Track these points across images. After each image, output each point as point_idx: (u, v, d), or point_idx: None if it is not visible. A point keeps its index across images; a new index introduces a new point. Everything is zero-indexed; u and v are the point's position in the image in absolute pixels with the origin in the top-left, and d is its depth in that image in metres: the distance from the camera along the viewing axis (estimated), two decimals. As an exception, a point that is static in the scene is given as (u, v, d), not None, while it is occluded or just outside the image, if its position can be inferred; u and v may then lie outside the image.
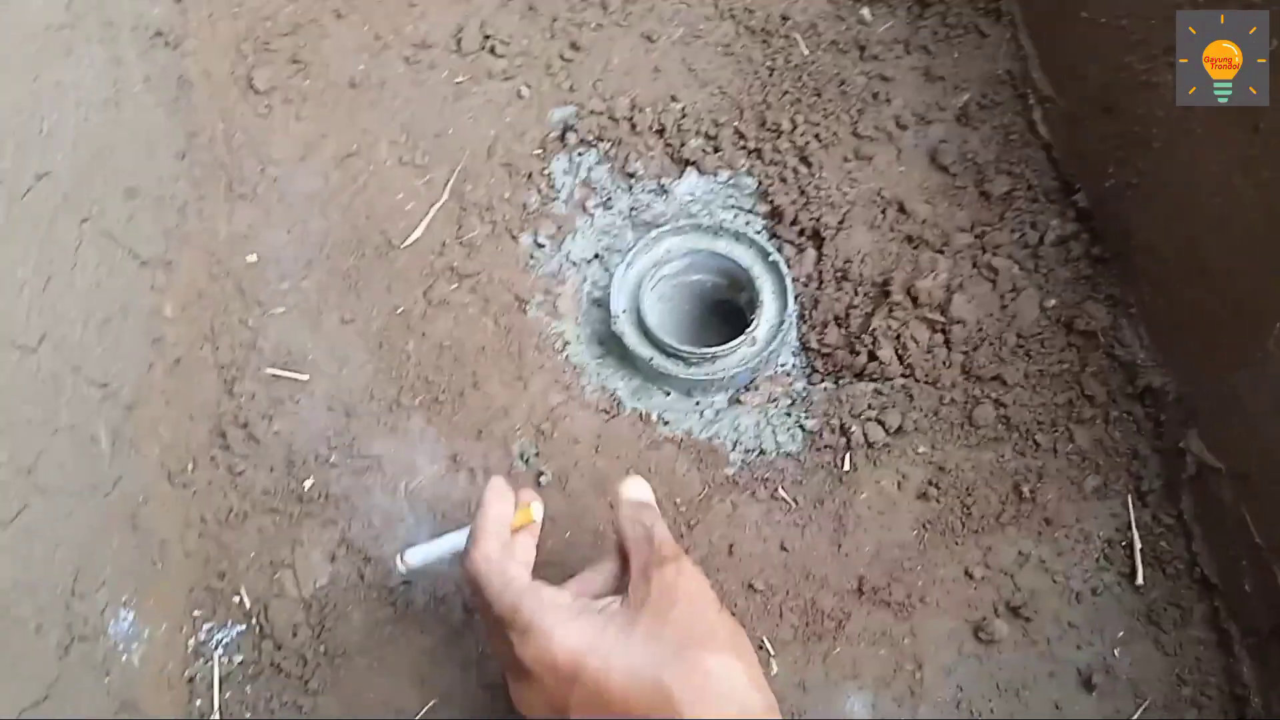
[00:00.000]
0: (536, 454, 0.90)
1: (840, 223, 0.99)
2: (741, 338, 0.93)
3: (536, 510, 0.73)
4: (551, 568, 0.72)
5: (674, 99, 1.07)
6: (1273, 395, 0.76)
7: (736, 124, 1.05)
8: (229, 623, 0.81)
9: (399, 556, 0.75)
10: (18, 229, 0.69)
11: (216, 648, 0.80)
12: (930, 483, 0.88)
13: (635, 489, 0.71)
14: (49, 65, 0.77)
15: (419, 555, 0.75)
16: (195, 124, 0.98)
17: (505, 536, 0.69)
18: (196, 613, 0.81)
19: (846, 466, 0.89)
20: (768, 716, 0.60)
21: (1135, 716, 0.79)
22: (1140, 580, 0.83)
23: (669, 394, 0.96)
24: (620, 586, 0.67)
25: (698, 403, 0.95)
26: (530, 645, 0.61)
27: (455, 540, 0.74)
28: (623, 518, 0.69)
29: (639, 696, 0.58)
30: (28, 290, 0.69)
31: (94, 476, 0.73)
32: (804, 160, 1.02)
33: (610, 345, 0.98)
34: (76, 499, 0.70)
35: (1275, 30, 0.73)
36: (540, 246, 1.01)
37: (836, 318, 0.96)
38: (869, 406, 0.91)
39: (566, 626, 0.61)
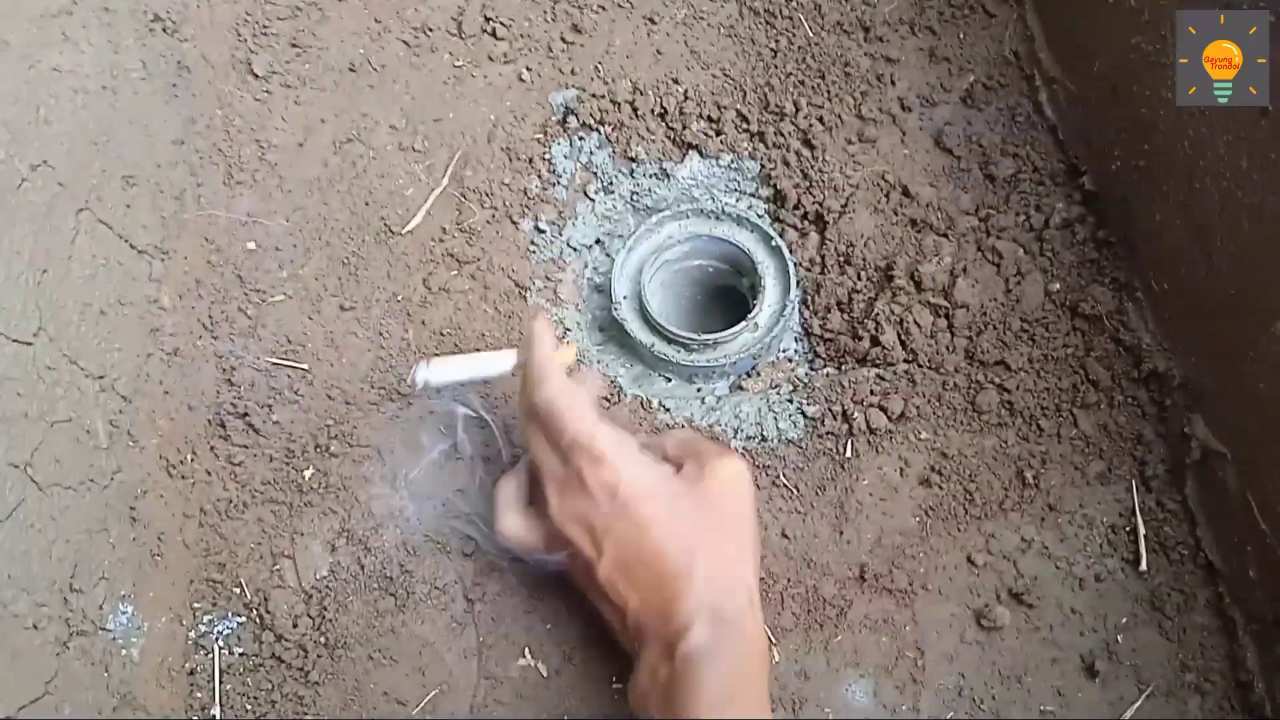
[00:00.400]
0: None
1: (844, 206, 0.98)
2: (743, 323, 0.93)
3: (575, 350, 0.82)
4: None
5: (676, 81, 1.06)
6: (1277, 380, 0.75)
7: (739, 107, 1.03)
8: (229, 614, 0.81)
9: (422, 363, 0.76)
10: (14, 220, 0.69)
11: (217, 640, 0.80)
12: (933, 469, 0.87)
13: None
14: (46, 52, 0.77)
15: (443, 370, 0.77)
16: (193, 110, 0.97)
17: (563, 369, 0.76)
18: (196, 605, 0.81)
19: (848, 453, 0.88)
20: (751, 608, 0.69)
21: (1138, 703, 0.79)
22: (1144, 566, 0.83)
23: (670, 380, 0.96)
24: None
25: (699, 389, 0.95)
26: (603, 473, 0.70)
27: (484, 363, 0.79)
28: (667, 438, 0.80)
29: (667, 551, 0.68)
30: (23, 282, 0.69)
31: (91, 469, 0.73)
32: (807, 143, 1.01)
33: (611, 331, 0.97)
34: (74, 493, 0.70)
35: (1275, 30, 0.72)
36: (541, 232, 1.00)
37: (839, 302, 0.95)
38: (871, 392, 0.90)
39: (634, 469, 0.71)
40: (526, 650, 0.81)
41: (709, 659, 0.65)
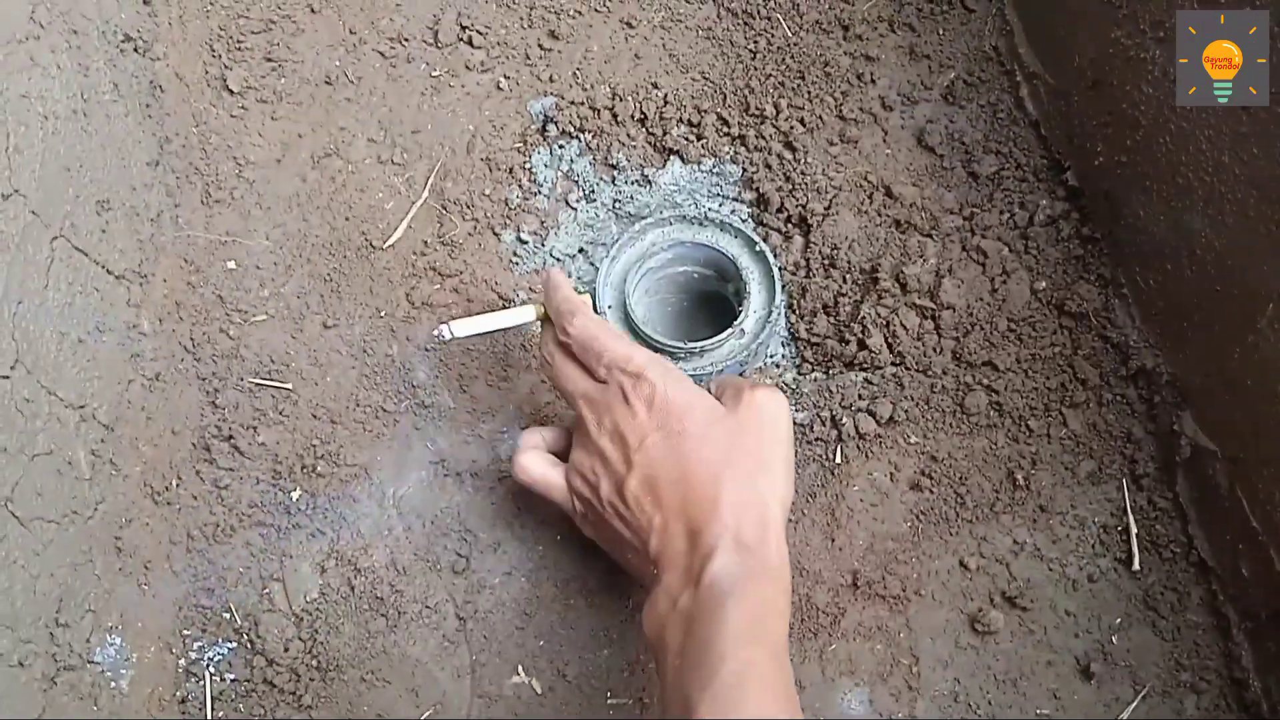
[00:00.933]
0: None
1: (827, 209, 0.97)
2: (730, 330, 0.92)
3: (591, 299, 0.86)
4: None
5: (655, 86, 1.05)
6: (1266, 377, 0.75)
7: (719, 110, 1.03)
8: (219, 640, 0.81)
9: (443, 325, 0.79)
10: (-14, 252, 0.68)
11: (208, 666, 0.80)
12: (923, 473, 0.87)
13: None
14: (13, 79, 0.75)
15: (467, 326, 0.79)
16: (168, 129, 0.96)
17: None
18: (185, 632, 0.80)
19: (838, 459, 0.88)
20: (777, 543, 0.68)
21: (1134, 704, 0.79)
22: (1137, 565, 0.83)
23: (658, 389, 0.95)
24: None
25: (687, 397, 0.94)
26: (641, 387, 0.72)
27: (505, 318, 0.81)
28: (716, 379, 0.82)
29: (695, 470, 0.69)
30: (-2, 315, 0.68)
31: (74, 501, 0.72)
32: (789, 145, 1.01)
33: (597, 341, 0.97)
34: (57, 526, 0.70)
35: (1276, 30, 0.72)
36: (523, 243, 0.99)
37: (825, 306, 0.95)
38: (859, 397, 0.90)
39: (673, 386, 0.72)
40: (520, 667, 0.81)
41: (734, 589, 0.63)
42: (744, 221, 1.00)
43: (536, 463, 0.79)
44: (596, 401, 0.74)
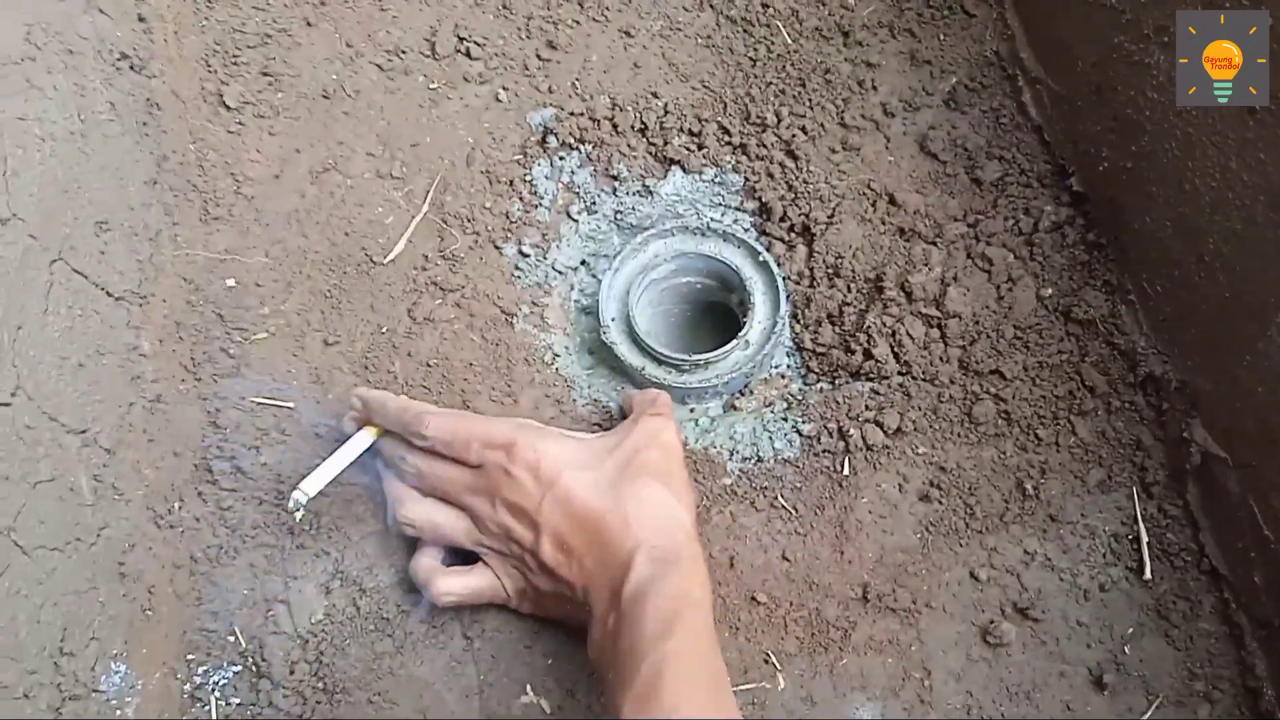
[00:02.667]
0: (530, 472, 0.88)
1: (830, 217, 0.97)
2: (734, 341, 0.92)
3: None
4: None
5: (655, 95, 1.04)
6: (1277, 383, 0.75)
7: (720, 119, 1.02)
8: (224, 664, 0.80)
9: (294, 494, 0.76)
10: (-16, 278, 0.67)
11: (213, 691, 0.79)
12: (931, 484, 0.86)
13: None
14: (9, 101, 0.75)
15: (317, 480, 0.77)
16: (166, 147, 0.95)
17: None
18: (190, 656, 0.80)
19: (846, 470, 0.87)
20: (688, 541, 0.72)
21: (1148, 713, 0.79)
22: (1148, 574, 0.82)
23: (663, 402, 0.94)
24: None
25: (692, 410, 0.94)
26: (517, 456, 0.74)
27: (346, 454, 0.79)
28: (637, 394, 0.87)
29: (597, 504, 0.72)
30: (-2, 341, 0.67)
31: (77, 528, 0.71)
32: (790, 154, 1.00)
33: (601, 355, 0.96)
34: (60, 553, 0.69)
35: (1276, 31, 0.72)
36: (525, 256, 0.99)
37: (830, 316, 0.94)
38: (866, 407, 0.89)
39: (548, 443, 0.75)
40: (528, 687, 0.80)
41: (648, 591, 0.67)
42: (747, 231, 0.99)
43: (453, 581, 0.78)
44: (481, 488, 0.75)
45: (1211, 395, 0.82)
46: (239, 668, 0.80)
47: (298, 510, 0.76)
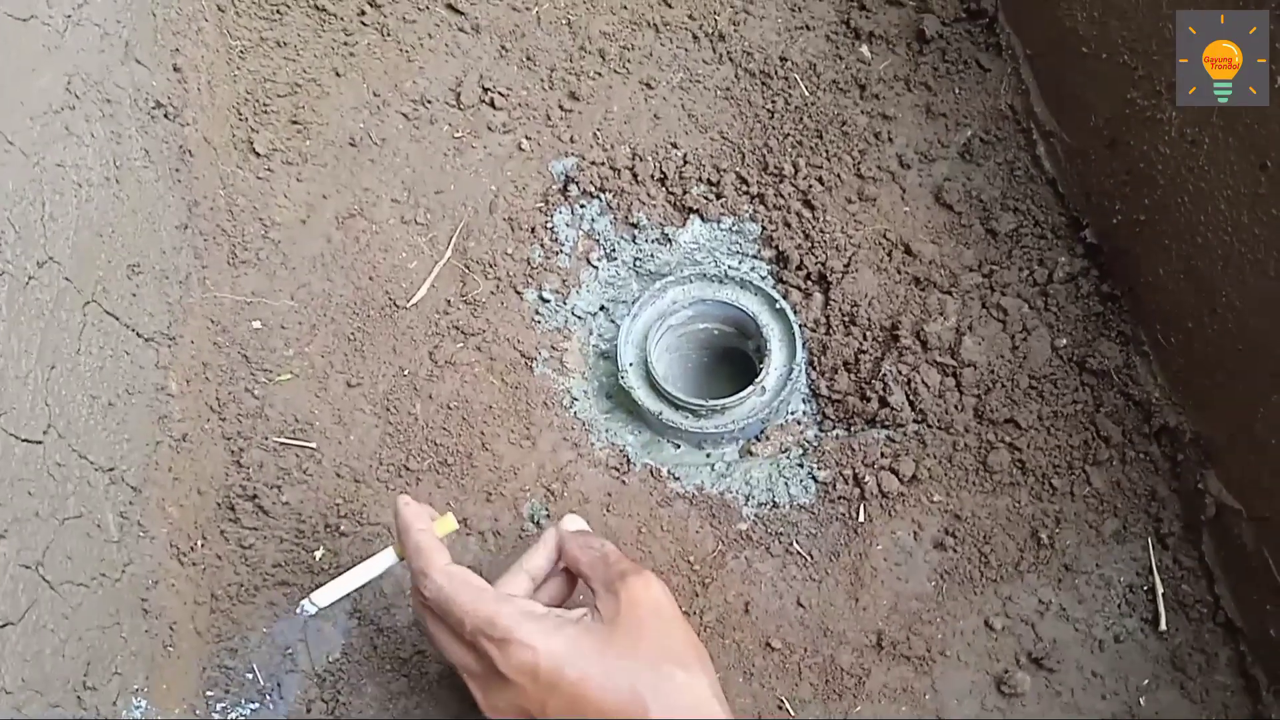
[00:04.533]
0: (547, 515, 0.89)
1: (846, 266, 0.98)
2: (751, 387, 0.93)
3: (451, 518, 0.75)
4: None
5: (675, 146, 1.06)
6: (1291, 437, 0.75)
7: (738, 169, 1.04)
8: (242, 701, 0.81)
9: (304, 602, 0.73)
10: (20, 318, 0.69)
11: (231, 728, 0.80)
12: (946, 531, 0.87)
13: (575, 522, 0.77)
14: (50, 148, 0.77)
15: (330, 593, 0.73)
16: (196, 193, 0.98)
17: (445, 549, 0.71)
18: (209, 693, 0.81)
19: (861, 517, 0.88)
20: (707, 702, 0.65)
21: (1164, 767, 0.78)
22: (1164, 625, 0.82)
23: (679, 447, 0.95)
24: (570, 603, 0.74)
25: (708, 455, 0.95)
26: (512, 655, 0.64)
27: (369, 569, 0.74)
28: (573, 546, 0.73)
29: (615, 704, 0.63)
30: (32, 380, 0.69)
31: (102, 564, 0.73)
32: (807, 204, 1.02)
33: (618, 399, 0.97)
34: (85, 589, 0.70)
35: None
36: (545, 301, 1.00)
37: (846, 363, 0.95)
38: (882, 455, 0.90)
39: (546, 636, 0.65)
40: (543, 730, 0.80)
41: None
42: (764, 279, 1.01)
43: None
44: (475, 674, 0.68)
45: (1226, 447, 0.83)
46: (256, 705, 0.81)
47: (304, 614, 0.73)
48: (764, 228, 1.02)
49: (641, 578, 0.68)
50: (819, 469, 0.91)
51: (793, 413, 0.96)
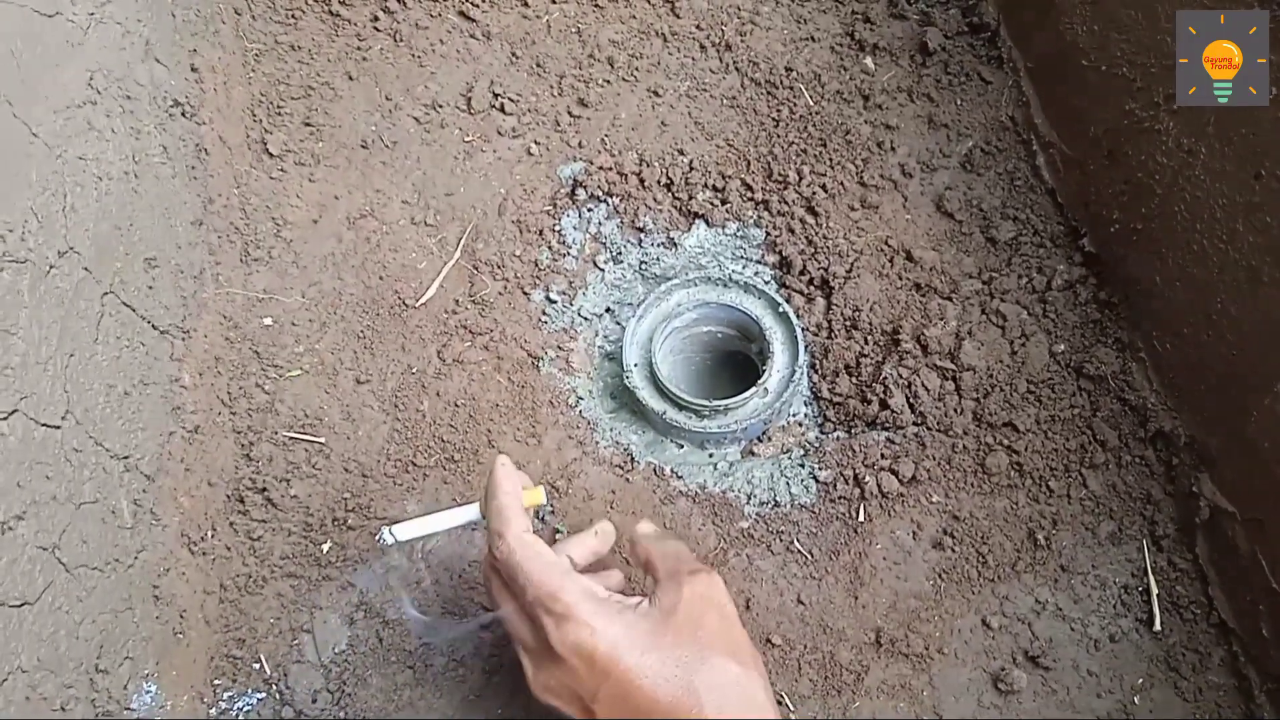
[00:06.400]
0: (551, 511, 0.90)
1: (848, 272, 1.00)
2: (753, 389, 0.94)
3: (543, 492, 0.75)
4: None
5: (681, 152, 1.08)
6: (1284, 440, 0.77)
7: (744, 176, 1.06)
8: (249, 690, 0.82)
9: (386, 529, 0.72)
10: (42, 306, 0.70)
11: (238, 716, 0.81)
12: (945, 532, 0.88)
13: (650, 526, 0.77)
14: (72, 142, 0.79)
15: (409, 529, 0.73)
16: (212, 190, 0.99)
17: (527, 516, 0.70)
18: (217, 681, 0.82)
19: (861, 517, 0.89)
20: (759, 695, 0.64)
21: (1158, 765, 0.79)
22: (1158, 626, 0.84)
23: (682, 447, 0.97)
24: (624, 584, 0.75)
25: (711, 455, 0.96)
26: (569, 633, 0.63)
27: (450, 518, 0.74)
28: (647, 542, 0.73)
29: (667, 695, 0.62)
30: (52, 366, 0.70)
31: (116, 549, 0.74)
32: (811, 210, 1.03)
33: (623, 399, 0.99)
34: (100, 573, 0.71)
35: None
36: (552, 302, 1.02)
37: (847, 366, 0.96)
38: (882, 456, 0.91)
39: (607, 620, 0.64)
40: (546, 721, 0.82)
41: None
42: (767, 283, 1.02)
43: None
44: (532, 651, 0.67)
45: (1220, 451, 0.84)
46: (263, 695, 0.82)
47: (382, 543, 0.73)
48: (768, 233, 1.04)
49: (710, 575, 0.68)
50: (820, 469, 0.92)
51: (794, 414, 0.98)
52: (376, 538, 0.74)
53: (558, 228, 1.05)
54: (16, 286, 0.67)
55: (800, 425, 0.97)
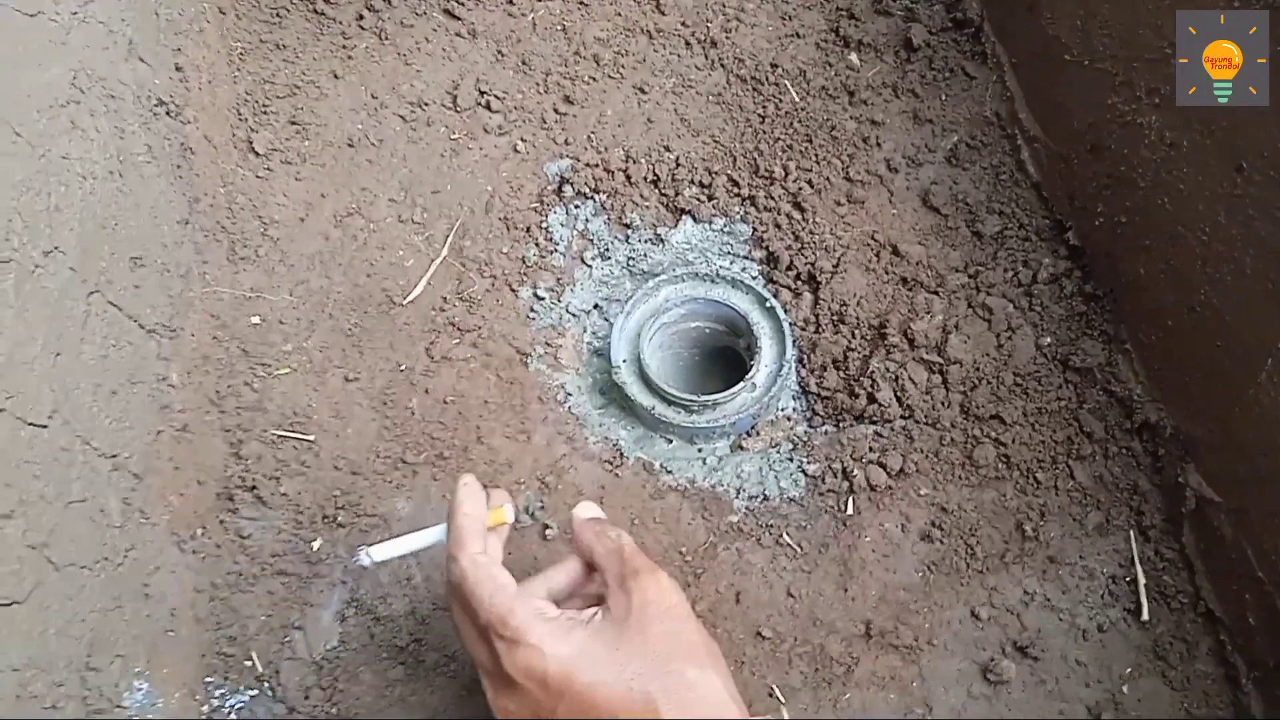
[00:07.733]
0: (541, 507, 0.91)
1: (835, 266, 1.00)
2: (741, 384, 0.95)
3: (509, 511, 0.74)
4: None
5: (667, 149, 1.08)
6: (1267, 430, 0.77)
7: (730, 172, 1.06)
8: (241, 688, 0.82)
9: (364, 550, 0.72)
10: (28, 306, 0.70)
11: (229, 713, 0.81)
12: (933, 524, 0.89)
13: (589, 509, 0.74)
14: (55, 141, 0.78)
15: (385, 550, 0.73)
16: (197, 190, 0.99)
17: (485, 537, 0.70)
18: (209, 679, 0.82)
19: (850, 510, 0.90)
20: (721, 697, 0.62)
21: (1146, 753, 0.80)
22: (1145, 616, 0.84)
23: (671, 442, 0.97)
24: (585, 591, 0.71)
25: (700, 450, 0.96)
26: (520, 657, 0.63)
27: (423, 537, 0.74)
28: (588, 534, 0.71)
29: (626, 707, 0.61)
30: (38, 366, 0.70)
31: (105, 548, 0.74)
32: (797, 206, 1.04)
33: (612, 395, 0.99)
34: (89, 572, 0.71)
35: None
36: (540, 299, 1.02)
37: (835, 361, 0.97)
38: (870, 449, 0.92)
39: (557, 641, 0.63)
40: (537, 717, 0.82)
41: None
42: (755, 279, 1.03)
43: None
44: (490, 674, 0.66)
45: (1205, 441, 0.85)
46: (255, 691, 0.82)
47: (359, 565, 0.73)
48: (755, 229, 1.04)
49: (654, 577, 0.66)
50: (808, 463, 0.92)
51: (783, 409, 0.98)
52: (353, 559, 0.73)
53: (545, 225, 1.05)
54: (2, 286, 0.67)
55: (789, 419, 0.97)
